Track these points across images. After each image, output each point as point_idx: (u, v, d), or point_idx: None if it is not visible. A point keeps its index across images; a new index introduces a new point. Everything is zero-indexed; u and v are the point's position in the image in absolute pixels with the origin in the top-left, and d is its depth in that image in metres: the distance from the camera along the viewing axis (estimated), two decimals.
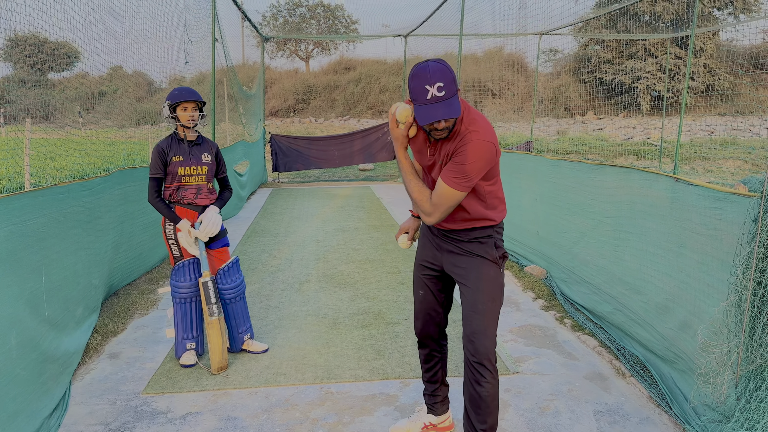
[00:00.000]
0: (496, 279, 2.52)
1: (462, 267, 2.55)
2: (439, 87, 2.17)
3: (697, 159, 15.42)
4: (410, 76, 2.24)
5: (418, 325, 2.82)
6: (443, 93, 2.17)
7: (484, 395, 2.46)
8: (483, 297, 2.48)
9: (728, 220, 2.80)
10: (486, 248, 2.53)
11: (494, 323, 2.49)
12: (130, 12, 6.10)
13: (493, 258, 2.52)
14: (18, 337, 2.94)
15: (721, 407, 2.69)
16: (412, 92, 2.24)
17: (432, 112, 2.18)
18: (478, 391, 2.47)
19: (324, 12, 39.62)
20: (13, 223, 3.07)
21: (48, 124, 6.38)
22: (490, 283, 2.50)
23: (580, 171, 4.73)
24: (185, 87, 3.74)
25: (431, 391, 2.91)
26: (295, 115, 30.97)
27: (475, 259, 2.53)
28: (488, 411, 2.49)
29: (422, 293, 2.77)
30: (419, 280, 2.77)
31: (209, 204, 3.87)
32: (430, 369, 2.88)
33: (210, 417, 3.13)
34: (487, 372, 2.45)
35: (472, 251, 2.53)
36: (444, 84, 2.17)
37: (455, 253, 2.58)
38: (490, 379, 2.46)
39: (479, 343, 2.45)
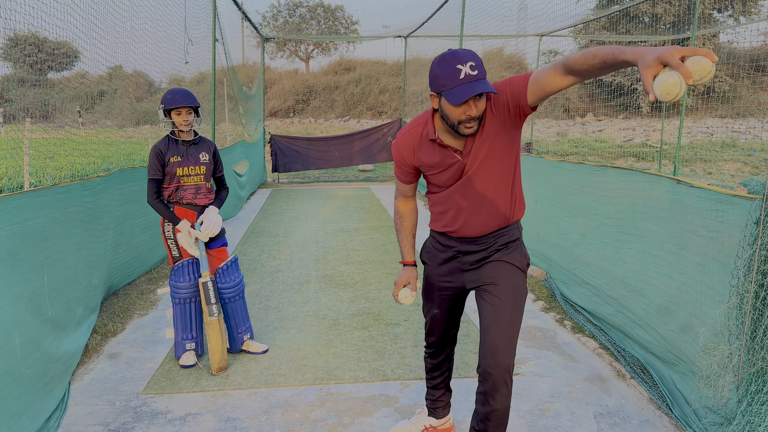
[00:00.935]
0: (523, 288, 2.38)
1: (489, 276, 2.37)
2: (472, 66, 2.04)
3: (697, 161, 15.43)
4: (436, 64, 2.10)
5: (433, 341, 2.71)
6: (476, 72, 2.04)
7: (498, 409, 2.28)
8: (509, 308, 2.31)
9: (729, 222, 2.80)
10: (515, 254, 2.39)
11: (517, 335, 2.33)
12: (130, 11, 6.09)
13: (522, 266, 2.40)
14: (21, 336, 2.93)
15: (722, 410, 2.69)
16: (440, 78, 2.08)
17: (469, 89, 2.01)
18: (494, 406, 2.28)
19: (324, 13, 39.64)
20: (14, 222, 3.06)
21: (47, 123, 6.37)
22: (517, 292, 2.34)
23: (581, 172, 4.72)
24: (178, 90, 3.68)
25: (436, 396, 2.88)
26: (294, 115, 30.98)
27: (503, 266, 2.37)
28: (498, 424, 2.32)
29: (437, 312, 2.62)
30: (436, 301, 2.59)
31: (208, 204, 3.86)
32: (437, 377, 2.83)
33: (209, 418, 3.12)
34: (504, 387, 2.26)
35: (501, 259, 2.38)
36: (476, 64, 2.05)
37: (483, 262, 2.41)
38: (505, 393, 2.27)
39: (502, 358, 2.25)
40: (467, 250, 2.42)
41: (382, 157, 13.81)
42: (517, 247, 2.41)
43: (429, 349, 2.77)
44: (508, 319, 2.29)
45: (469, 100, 2.07)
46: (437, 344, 2.73)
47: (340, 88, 31.78)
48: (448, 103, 2.08)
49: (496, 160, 2.26)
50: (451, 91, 2.06)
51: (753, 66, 12.39)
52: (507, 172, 2.30)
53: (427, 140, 2.30)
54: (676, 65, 1.49)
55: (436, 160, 2.31)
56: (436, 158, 2.30)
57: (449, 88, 2.06)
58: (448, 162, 2.29)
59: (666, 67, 1.53)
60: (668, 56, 1.50)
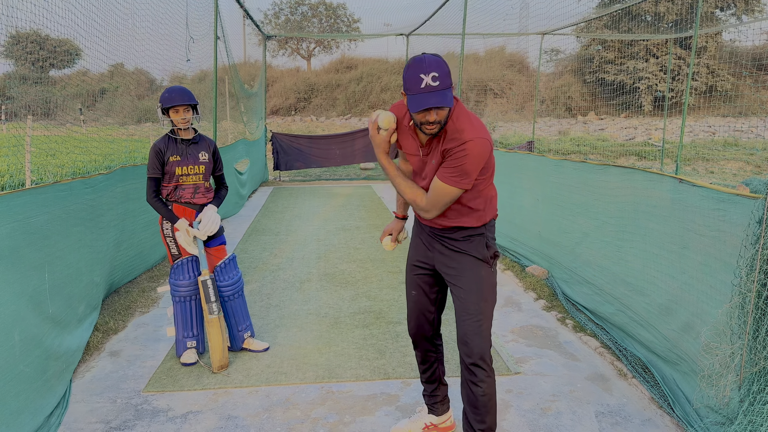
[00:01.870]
0: (487, 278, 2.51)
1: (453, 267, 2.55)
2: (434, 77, 2.16)
3: (699, 160, 15.41)
4: (405, 67, 2.25)
5: (412, 326, 2.81)
6: (437, 83, 2.17)
7: (480, 395, 2.47)
8: (474, 297, 2.48)
9: (732, 221, 2.79)
10: (477, 247, 2.52)
11: (487, 323, 2.48)
12: (132, 9, 6.09)
13: (484, 257, 2.52)
14: (21, 334, 2.93)
15: (724, 409, 2.68)
16: (406, 82, 2.23)
17: (425, 100, 2.17)
18: (474, 392, 2.48)
19: (326, 10, 39.60)
20: (16, 220, 3.06)
21: (49, 121, 6.37)
22: (481, 283, 2.49)
23: (583, 171, 4.72)
24: (176, 88, 3.67)
25: (430, 391, 2.91)
26: (296, 113, 30.97)
27: (466, 258, 2.52)
28: (486, 411, 2.49)
29: (415, 293, 2.75)
30: (412, 281, 2.75)
31: (207, 203, 3.85)
32: (427, 369, 2.87)
33: (210, 416, 3.12)
34: (482, 372, 2.45)
35: (463, 250, 2.52)
36: (439, 75, 2.17)
37: (447, 252, 2.57)
38: (485, 378, 2.46)
39: (473, 344, 2.45)
40: (433, 235, 2.61)
41: None
42: (479, 241, 2.53)
43: (412, 338, 2.84)
44: (474, 308, 2.46)
45: (431, 110, 2.21)
46: (415, 330, 2.79)
47: (341, 86, 31.76)
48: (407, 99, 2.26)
49: None
50: (411, 97, 2.22)
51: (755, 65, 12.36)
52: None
53: (407, 116, 2.48)
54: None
55: (409, 141, 2.50)
56: (410, 139, 2.50)
57: (411, 94, 2.22)
58: (415, 149, 2.49)
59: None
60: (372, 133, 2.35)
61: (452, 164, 2.31)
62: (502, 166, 6.27)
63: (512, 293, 5.17)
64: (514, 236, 6.31)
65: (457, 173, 2.30)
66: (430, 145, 2.42)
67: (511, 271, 5.84)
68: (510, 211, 6.34)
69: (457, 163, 2.29)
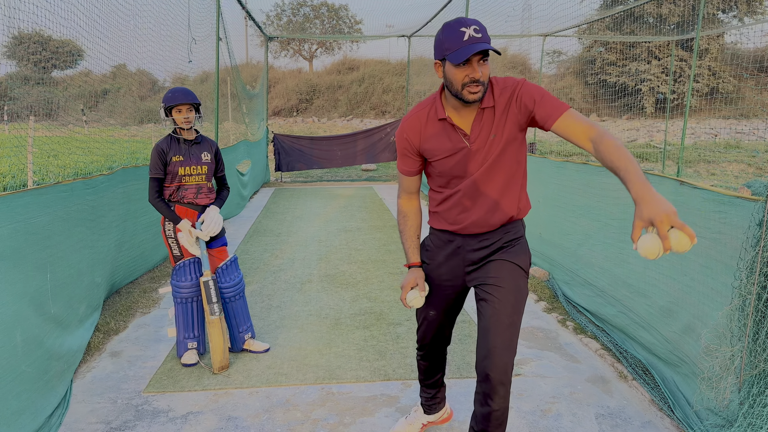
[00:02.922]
0: (524, 290, 2.31)
1: (491, 275, 2.30)
2: (476, 29, 2.01)
3: (701, 162, 15.39)
4: (440, 30, 2.09)
5: (427, 344, 2.64)
6: (480, 35, 2.00)
7: (494, 410, 2.23)
8: (510, 310, 2.24)
9: (732, 223, 2.79)
10: (519, 254, 2.33)
11: (517, 337, 2.26)
12: (134, 10, 6.11)
13: (525, 266, 2.33)
14: (23, 334, 2.94)
15: (724, 412, 2.68)
16: (444, 42, 2.05)
17: (473, 48, 1.97)
18: (493, 407, 2.22)
19: (328, 12, 39.65)
20: (17, 220, 3.07)
21: (51, 121, 6.38)
22: (518, 294, 2.27)
23: (585, 173, 4.71)
24: (179, 88, 3.70)
25: (432, 394, 2.87)
26: (298, 114, 30.99)
27: (507, 265, 2.30)
28: (497, 425, 2.26)
29: (433, 313, 2.54)
30: (432, 301, 2.52)
31: (209, 203, 3.86)
32: (430, 377, 2.80)
33: (211, 416, 3.12)
34: (503, 389, 2.20)
35: (504, 258, 2.31)
36: (480, 28, 2.01)
37: (486, 260, 2.35)
38: (503, 394, 2.21)
39: (500, 359, 2.19)
40: (471, 247, 2.35)
41: (385, 157, 13.80)
42: (521, 246, 2.35)
43: (422, 351, 2.68)
44: (508, 321, 2.23)
45: (473, 62, 2.02)
46: (430, 346, 2.65)
47: (343, 87, 31.79)
48: (452, 65, 2.05)
49: (505, 149, 2.20)
50: (454, 52, 2.02)
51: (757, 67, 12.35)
52: (514, 164, 2.25)
53: (435, 120, 2.24)
54: (663, 236, 1.60)
55: (443, 143, 2.24)
56: (443, 140, 2.24)
57: (452, 51, 2.02)
58: (454, 146, 2.22)
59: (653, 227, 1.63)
60: (659, 224, 1.60)
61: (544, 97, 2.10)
62: None
63: None
64: None
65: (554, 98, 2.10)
66: (480, 124, 2.18)
67: None
68: None
69: (539, 94, 2.10)
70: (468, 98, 2.08)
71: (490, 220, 2.28)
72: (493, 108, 2.17)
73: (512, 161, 2.25)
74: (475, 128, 2.19)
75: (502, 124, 2.17)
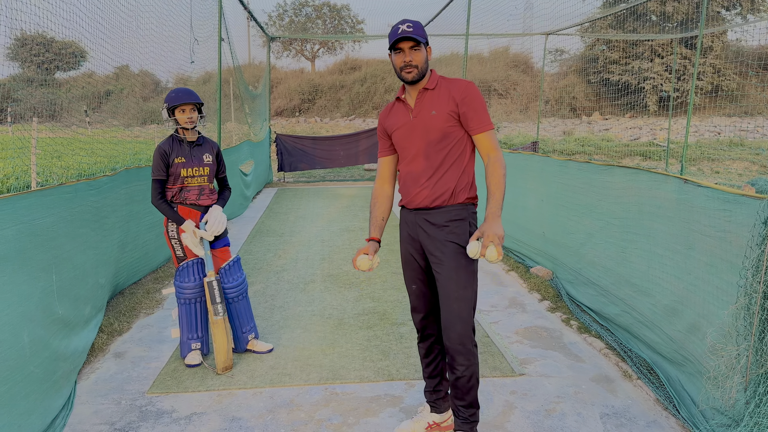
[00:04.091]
0: (468, 266, 2.61)
1: (436, 255, 2.63)
2: (408, 26, 2.51)
3: (704, 160, 15.34)
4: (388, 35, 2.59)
5: (417, 318, 2.86)
6: (411, 29, 2.50)
7: (458, 377, 2.62)
8: (454, 286, 2.58)
9: (737, 222, 2.78)
10: (459, 233, 2.61)
11: (467, 309, 2.59)
12: (136, 11, 6.11)
13: (465, 243, 2.61)
14: (30, 335, 2.94)
15: (730, 411, 2.67)
16: (389, 38, 2.55)
17: (399, 36, 2.49)
18: (454, 374, 2.63)
19: (330, 12, 39.65)
20: (22, 222, 3.07)
21: (54, 123, 6.40)
22: (462, 271, 2.59)
23: (588, 172, 4.70)
24: (182, 88, 3.70)
25: (433, 386, 2.92)
26: (300, 114, 31.00)
27: (449, 246, 2.60)
28: (465, 390, 2.65)
29: (415, 287, 2.81)
30: (410, 276, 2.82)
31: (211, 204, 3.86)
32: (431, 363, 2.89)
33: (215, 417, 3.12)
34: (461, 356, 2.59)
35: (446, 239, 2.61)
36: (413, 25, 2.52)
37: (430, 239, 2.65)
38: (463, 362, 2.60)
39: (452, 330, 2.59)
40: (420, 224, 2.69)
41: None
42: (461, 226, 2.63)
43: (417, 333, 2.90)
44: (455, 295, 2.58)
45: (405, 50, 2.53)
46: (421, 323, 2.85)
47: (345, 87, 31.79)
48: (392, 54, 2.58)
49: (440, 129, 2.60)
50: (390, 43, 2.55)
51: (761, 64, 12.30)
52: (457, 151, 2.62)
53: (396, 102, 2.75)
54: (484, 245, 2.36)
55: (398, 117, 2.71)
56: (399, 115, 2.71)
57: (390, 44, 2.55)
58: (403, 118, 2.68)
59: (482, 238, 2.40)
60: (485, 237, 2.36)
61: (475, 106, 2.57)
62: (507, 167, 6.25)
63: (516, 294, 5.16)
64: (518, 237, 6.29)
65: (485, 113, 2.59)
66: (422, 102, 2.63)
67: (515, 272, 5.83)
68: (514, 212, 6.33)
69: (480, 102, 2.58)
70: (405, 78, 2.57)
71: (429, 197, 2.63)
72: (434, 90, 2.62)
73: (455, 148, 2.62)
74: (417, 104, 2.64)
75: (441, 104, 2.60)
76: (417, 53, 2.54)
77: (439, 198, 2.62)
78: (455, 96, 2.57)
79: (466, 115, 2.57)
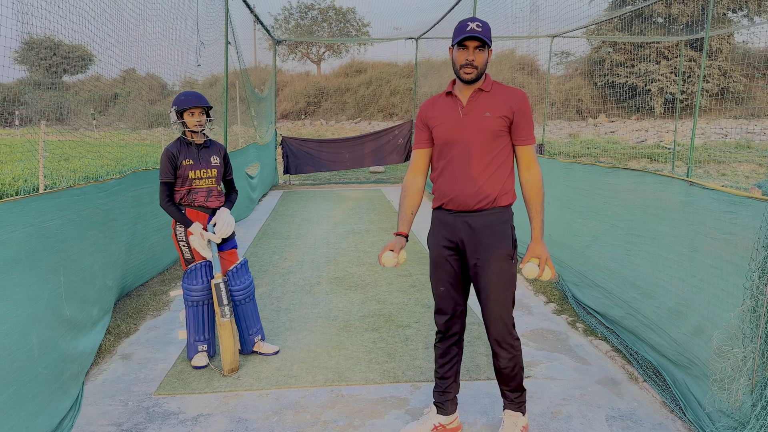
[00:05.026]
0: (509, 269, 2.69)
1: (479, 258, 2.67)
2: (478, 25, 2.53)
3: (711, 162, 15.28)
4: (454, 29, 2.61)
5: (441, 320, 2.85)
6: (480, 29, 2.52)
7: (502, 367, 2.78)
8: (495, 288, 2.67)
9: (743, 224, 2.77)
10: (502, 238, 2.66)
11: (508, 309, 2.69)
12: (143, 15, 6.15)
13: (508, 250, 2.67)
14: (39, 336, 2.97)
15: (736, 414, 2.66)
16: (454, 32, 2.57)
17: (468, 33, 2.50)
18: (498, 365, 2.79)
19: (335, 15, 39.72)
20: (31, 224, 3.10)
21: (62, 126, 6.44)
22: (504, 274, 2.67)
23: (593, 174, 4.70)
24: (191, 92, 3.72)
25: (444, 387, 2.91)
26: (306, 117, 31.07)
27: (492, 249, 2.65)
28: (509, 378, 2.80)
29: (443, 289, 2.81)
30: (440, 277, 2.81)
31: (219, 206, 3.88)
32: (446, 364, 2.89)
33: (221, 418, 3.14)
34: (503, 351, 2.73)
35: (490, 242, 2.65)
36: (482, 25, 2.54)
37: (473, 242, 2.68)
38: (505, 355, 2.74)
39: (493, 329, 2.72)
40: (459, 226, 2.70)
41: (393, 159, 13.81)
42: (504, 231, 2.68)
43: (438, 333, 2.90)
44: (495, 297, 2.67)
45: (469, 47, 2.54)
46: (445, 325, 2.86)
47: (351, 90, 31.83)
48: (455, 49, 2.59)
49: (492, 131, 2.62)
50: (456, 38, 2.56)
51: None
52: (499, 151, 2.66)
53: (444, 96, 2.75)
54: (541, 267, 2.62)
55: (444, 110, 2.72)
56: (445, 108, 2.72)
57: (456, 37, 2.56)
58: (451, 112, 2.69)
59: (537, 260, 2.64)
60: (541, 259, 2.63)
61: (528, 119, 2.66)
62: None
63: (522, 296, 5.15)
64: (523, 239, 6.28)
65: (533, 127, 2.67)
66: (474, 101, 2.65)
67: (519, 274, 5.82)
68: (519, 214, 6.31)
69: (530, 115, 2.66)
70: (464, 77, 2.59)
71: (474, 198, 2.65)
72: (489, 93, 2.65)
73: (502, 152, 2.67)
74: (470, 103, 2.66)
75: (495, 108, 2.63)
76: (480, 54, 2.57)
77: (483, 200, 2.64)
78: (512, 104, 2.62)
79: (518, 125, 2.64)
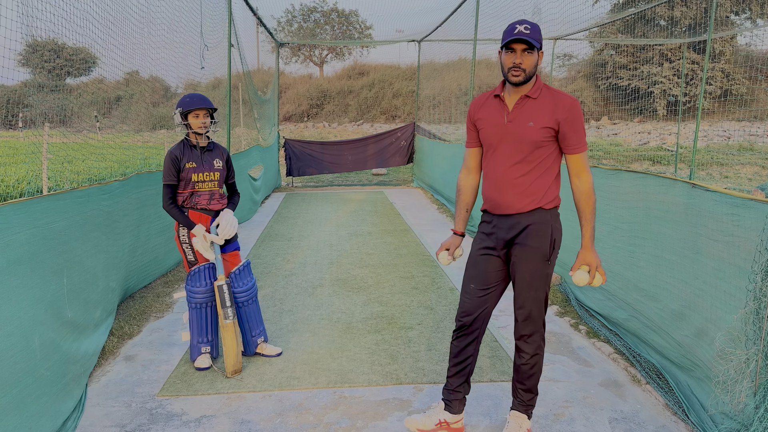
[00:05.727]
0: (544, 270, 2.71)
1: (516, 256, 2.72)
2: (526, 27, 2.51)
3: (714, 164, 15.26)
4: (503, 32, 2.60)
5: (464, 318, 2.83)
6: (528, 31, 2.50)
7: (523, 363, 2.82)
8: (528, 287, 2.72)
9: (746, 226, 2.77)
10: (538, 237, 2.66)
11: (539, 309, 2.74)
12: (147, 17, 6.17)
13: (544, 250, 2.67)
14: (41, 338, 2.98)
15: (739, 416, 2.66)
16: (503, 35, 2.55)
17: (515, 36, 2.48)
18: (519, 359, 2.83)
19: (338, 17, 39.79)
20: (35, 226, 3.11)
21: (65, 128, 6.46)
22: (538, 275, 2.70)
23: (595, 176, 4.70)
24: (196, 93, 3.74)
25: (455, 386, 2.90)
26: (309, 119, 31.10)
27: (529, 250, 2.68)
28: (527, 376, 2.83)
29: (473, 287, 2.82)
30: (473, 276, 2.82)
31: (222, 209, 3.89)
32: (460, 363, 2.88)
33: (224, 420, 3.15)
34: (527, 347, 2.79)
35: (527, 242, 2.67)
36: (531, 27, 2.51)
37: (510, 242, 2.72)
38: (529, 351, 2.79)
39: (523, 326, 2.77)
40: (502, 229, 2.74)
41: (395, 161, 13.82)
42: (541, 230, 2.68)
43: (459, 331, 2.87)
44: (526, 295, 2.72)
45: (517, 51, 2.52)
46: (472, 323, 2.83)
47: (353, 92, 31.87)
48: (503, 51, 2.57)
49: (534, 142, 2.60)
50: (504, 41, 2.54)
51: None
52: (542, 160, 2.64)
53: (492, 98, 2.74)
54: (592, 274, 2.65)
55: (490, 113, 2.72)
56: (491, 111, 2.72)
57: (504, 43, 2.54)
58: (497, 117, 2.68)
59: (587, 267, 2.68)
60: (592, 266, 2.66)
61: (576, 128, 2.59)
62: None
63: None
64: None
65: (583, 136, 2.61)
66: (520, 108, 2.63)
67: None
68: None
69: (581, 122, 2.59)
70: (511, 80, 2.57)
71: (513, 206, 2.67)
72: (537, 100, 2.61)
73: (545, 161, 2.65)
74: (516, 109, 2.64)
75: (540, 117, 2.59)
76: (529, 57, 2.55)
77: (523, 208, 2.67)
78: (558, 115, 2.57)
79: (565, 135, 2.60)
